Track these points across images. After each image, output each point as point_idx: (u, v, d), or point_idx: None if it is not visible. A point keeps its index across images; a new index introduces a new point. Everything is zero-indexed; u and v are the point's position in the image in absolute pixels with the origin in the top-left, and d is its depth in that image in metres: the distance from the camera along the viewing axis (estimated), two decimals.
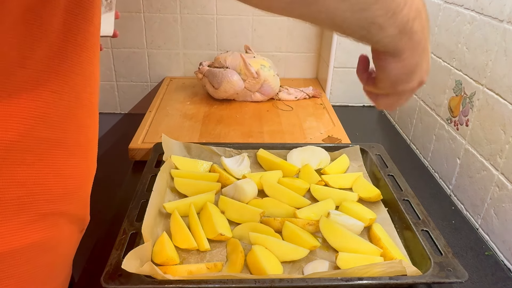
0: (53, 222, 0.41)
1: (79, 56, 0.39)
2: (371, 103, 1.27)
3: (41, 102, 0.36)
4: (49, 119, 0.37)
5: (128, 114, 1.33)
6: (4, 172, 0.35)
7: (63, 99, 0.38)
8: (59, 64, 0.37)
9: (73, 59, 0.38)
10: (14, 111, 0.34)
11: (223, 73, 1.10)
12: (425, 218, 0.67)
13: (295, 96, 1.19)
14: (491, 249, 0.71)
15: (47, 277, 0.43)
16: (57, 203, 0.40)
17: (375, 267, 0.56)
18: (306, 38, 1.30)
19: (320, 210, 0.71)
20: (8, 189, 0.35)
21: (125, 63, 1.28)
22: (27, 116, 0.35)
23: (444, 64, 0.89)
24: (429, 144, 0.96)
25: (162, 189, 0.73)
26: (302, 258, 0.62)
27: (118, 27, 1.22)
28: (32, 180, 0.37)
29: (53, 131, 0.38)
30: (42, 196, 0.38)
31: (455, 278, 0.55)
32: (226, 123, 1.04)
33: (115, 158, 0.94)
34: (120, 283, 0.53)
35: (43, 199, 0.39)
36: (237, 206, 0.71)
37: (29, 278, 0.39)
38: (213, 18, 1.25)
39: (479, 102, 0.77)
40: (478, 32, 0.77)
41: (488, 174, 0.74)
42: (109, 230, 0.71)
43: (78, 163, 0.43)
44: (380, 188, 0.76)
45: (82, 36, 0.38)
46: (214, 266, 0.59)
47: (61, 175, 0.40)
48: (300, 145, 0.89)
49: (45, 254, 0.41)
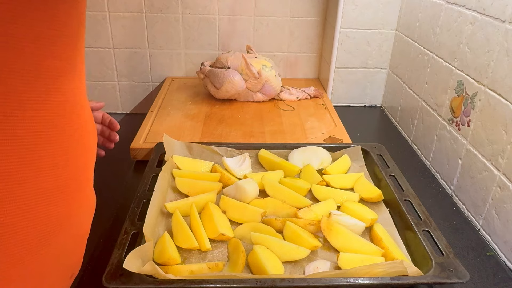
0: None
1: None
2: (372, 104, 1.28)
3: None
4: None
5: (129, 114, 1.34)
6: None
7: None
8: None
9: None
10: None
11: (225, 73, 1.11)
12: (427, 219, 0.67)
13: (297, 96, 1.19)
14: (492, 250, 0.71)
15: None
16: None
17: (376, 267, 0.56)
18: (308, 38, 1.30)
19: (322, 210, 0.71)
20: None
21: (127, 63, 1.28)
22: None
23: (446, 64, 0.89)
24: (430, 144, 0.96)
25: (164, 189, 0.73)
26: (303, 258, 0.62)
27: (120, 27, 1.22)
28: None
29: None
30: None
31: (457, 278, 0.55)
32: (228, 123, 1.04)
33: (116, 158, 0.94)
34: (122, 282, 0.53)
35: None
36: (238, 206, 0.71)
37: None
38: (214, 18, 1.25)
39: (480, 102, 0.77)
40: (480, 33, 0.77)
41: (490, 175, 0.73)
42: (111, 229, 0.71)
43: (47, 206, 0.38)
44: (382, 189, 0.76)
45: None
46: (215, 266, 0.60)
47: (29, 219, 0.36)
48: (301, 145, 0.89)
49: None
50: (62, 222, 0.40)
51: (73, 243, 0.44)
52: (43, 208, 0.37)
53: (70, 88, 0.39)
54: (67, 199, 0.40)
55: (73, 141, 0.41)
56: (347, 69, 1.23)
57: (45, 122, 0.36)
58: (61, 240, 0.40)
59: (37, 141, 0.36)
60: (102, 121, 0.80)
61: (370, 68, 1.23)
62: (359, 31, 1.17)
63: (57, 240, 0.39)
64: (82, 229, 0.45)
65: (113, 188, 0.84)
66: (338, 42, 1.18)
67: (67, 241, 0.41)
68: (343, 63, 1.22)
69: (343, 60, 1.21)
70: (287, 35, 1.29)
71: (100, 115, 0.80)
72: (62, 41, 0.37)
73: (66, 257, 0.43)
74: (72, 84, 0.39)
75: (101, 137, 0.81)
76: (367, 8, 1.14)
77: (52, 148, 0.37)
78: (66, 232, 0.41)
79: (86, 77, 1.34)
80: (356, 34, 1.18)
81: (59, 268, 0.42)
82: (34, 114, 0.35)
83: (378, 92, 1.27)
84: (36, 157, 0.36)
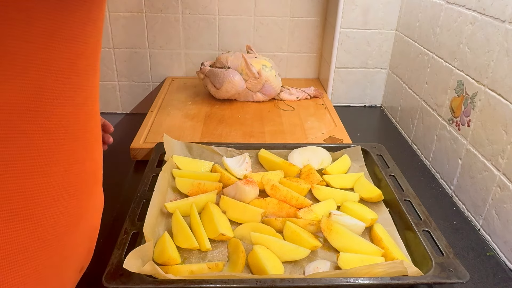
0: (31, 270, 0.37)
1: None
2: (372, 104, 1.28)
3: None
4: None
5: (129, 114, 1.33)
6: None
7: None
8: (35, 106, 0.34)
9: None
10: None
11: (225, 73, 1.11)
12: (427, 219, 0.67)
13: (297, 96, 1.19)
14: (492, 250, 0.71)
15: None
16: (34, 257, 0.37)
17: (376, 268, 0.56)
18: (308, 38, 1.30)
19: (321, 210, 0.71)
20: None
21: (127, 63, 1.28)
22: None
23: (446, 64, 0.89)
24: (430, 144, 0.96)
25: (164, 189, 0.73)
26: (303, 258, 0.62)
27: (120, 27, 1.22)
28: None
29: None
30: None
31: (456, 278, 0.55)
32: (228, 123, 1.04)
33: (116, 158, 0.94)
34: (122, 282, 0.53)
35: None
36: (238, 206, 0.71)
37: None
38: (214, 18, 1.25)
39: (480, 102, 0.77)
40: (480, 33, 0.77)
41: (490, 175, 0.73)
42: (111, 229, 0.71)
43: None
44: (382, 189, 0.76)
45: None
46: (215, 266, 0.60)
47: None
48: (301, 145, 0.89)
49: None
50: (76, 220, 0.42)
51: (83, 238, 0.45)
52: (66, 202, 0.39)
53: (93, 86, 0.41)
54: (86, 192, 0.43)
55: (91, 139, 0.43)
56: (347, 69, 1.23)
57: (71, 117, 0.38)
58: (73, 237, 0.42)
59: (64, 135, 0.38)
60: None
61: (370, 68, 1.23)
62: (359, 31, 1.17)
63: (70, 237, 0.41)
64: (93, 225, 0.47)
65: (113, 188, 0.84)
66: (338, 42, 1.18)
67: (78, 237, 0.43)
68: (343, 63, 1.22)
69: (343, 60, 1.21)
70: (287, 35, 1.29)
71: None
72: (92, 41, 0.38)
73: (77, 252, 0.45)
74: (95, 82, 0.42)
75: None
76: (367, 8, 1.14)
77: (76, 143, 0.40)
78: (78, 229, 0.43)
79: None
80: (356, 34, 1.18)
81: (70, 262, 0.43)
82: (62, 110, 0.37)
83: (378, 92, 1.27)
84: (62, 150, 0.38)
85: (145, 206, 0.66)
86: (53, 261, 0.39)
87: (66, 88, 0.36)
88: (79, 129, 0.40)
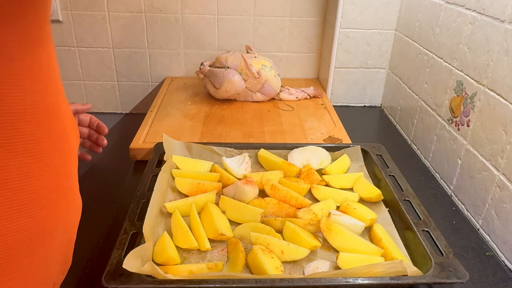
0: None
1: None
2: (372, 103, 1.28)
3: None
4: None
5: (129, 114, 1.33)
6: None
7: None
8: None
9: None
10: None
11: (224, 73, 1.11)
12: (426, 219, 0.67)
13: (296, 96, 1.19)
14: (492, 250, 0.71)
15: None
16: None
17: (376, 267, 0.56)
18: (307, 38, 1.30)
19: (321, 210, 0.71)
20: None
21: (127, 63, 1.28)
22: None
23: (445, 64, 0.89)
24: (430, 144, 0.96)
25: (163, 189, 0.73)
26: (303, 258, 0.62)
27: (120, 27, 1.22)
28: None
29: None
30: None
31: (456, 278, 0.55)
32: (227, 123, 1.04)
33: (116, 158, 0.94)
34: (121, 282, 0.53)
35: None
36: (238, 206, 0.71)
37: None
38: (214, 18, 1.25)
39: (480, 102, 0.77)
40: (479, 33, 0.77)
41: (489, 175, 0.73)
42: (110, 229, 0.71)
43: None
44: (381, 189, 0.76)
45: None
46: (215, 266, 0.60)
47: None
48: (301, 145, 0.89)
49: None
50: (46, 231, 0.38)
51: (58, 251, 0.42)
52: (24, 219, 0.35)
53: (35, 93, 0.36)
54: (47, 209, 0.38)
55: (55, 140, 0.39)
56: (347, 69, 1.23)
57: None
58: (45, 249, 0.38)
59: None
60: (89, 124, 0.77)
61: (369, 68, 1.23)
62: (359, 31, 1.17)
63: (41, 249, 0.38)
64: (67, 237, 0.43)
65: (113, 188, 0.84)
66: (338, 42, 1.18)
67: (51, 249, 0.40)
68: (343, 63, 1.22)
69: (343, 60, 1.21)
70: (286, 35, 1.29)
71: (87, 118, 0.77)
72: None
73: (51, 266, 0.41)
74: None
75: (88, 141, 0.78)
76: (366, 8, 1.14)
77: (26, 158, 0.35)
78: (51, 240, 0.39)
79: (86, 77, 1.34)
80: (356, 34, 1.18)
81: (42, 276, 0.40)
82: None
83: (378, 92, 1.27)
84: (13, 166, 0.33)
85: (145, 206, 0.66)
86: (24, 275, 0.36)
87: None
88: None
